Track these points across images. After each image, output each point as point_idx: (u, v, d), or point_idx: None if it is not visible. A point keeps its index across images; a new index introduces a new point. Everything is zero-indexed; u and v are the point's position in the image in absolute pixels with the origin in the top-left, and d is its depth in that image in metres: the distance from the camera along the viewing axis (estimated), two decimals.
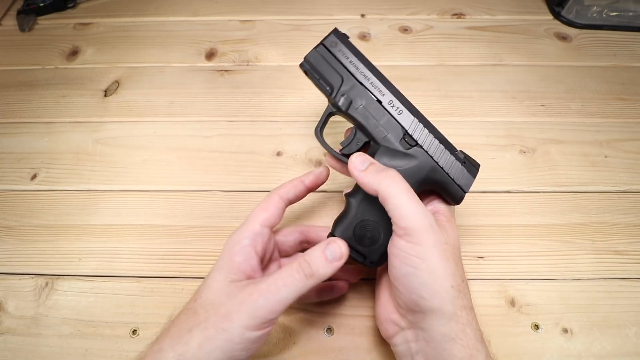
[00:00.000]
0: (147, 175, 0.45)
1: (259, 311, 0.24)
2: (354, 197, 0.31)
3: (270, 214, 0.30)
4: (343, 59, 0.33)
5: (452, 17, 0.60)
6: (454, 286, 0.26)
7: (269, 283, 0.25)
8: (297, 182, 0.33)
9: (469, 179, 0.32)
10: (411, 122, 0.32)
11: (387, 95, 0.32)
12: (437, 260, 0.26)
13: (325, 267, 0.27)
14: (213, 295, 0.26)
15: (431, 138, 0.32)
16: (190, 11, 0.61)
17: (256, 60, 0.55)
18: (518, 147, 0.46)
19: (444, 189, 0.32)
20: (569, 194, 0.43)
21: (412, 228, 0.26)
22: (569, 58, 0.55)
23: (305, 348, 0.34)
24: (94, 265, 0.39)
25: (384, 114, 0.32)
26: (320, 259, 0.27)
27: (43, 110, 0.50)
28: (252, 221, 0.30)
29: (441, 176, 0.31)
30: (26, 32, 0.59)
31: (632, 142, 0.47)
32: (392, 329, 0.29)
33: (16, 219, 0.42)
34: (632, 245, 0.40)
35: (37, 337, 0.35)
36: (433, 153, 0.32)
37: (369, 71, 0.33)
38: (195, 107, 0.50)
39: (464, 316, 0.26)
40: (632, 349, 0.34)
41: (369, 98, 0.32)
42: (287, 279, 0.26)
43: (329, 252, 0.27)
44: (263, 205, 0.31)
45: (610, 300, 0.37)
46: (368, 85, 0.33)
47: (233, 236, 0.30)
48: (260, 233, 0.30)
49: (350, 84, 0.33)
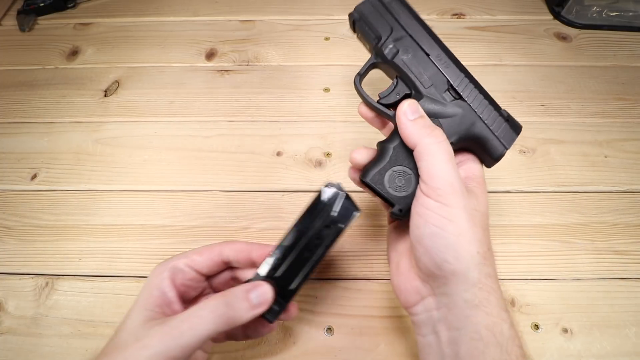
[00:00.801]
0: (147, 175, 0.45)
1: (157, 357, 0.23)
2: (390, 143, 0.30)
3: (202, 260, 0.29)
4: (394, 10, 0.33)
5: (452, 17, 0.60)
6: (480, 253, 0.25)
7: (173, 326, 0.23)
8: (246, 249, 0.29)
9: (512, 135, 0.31)
10: (457, 76, 0.32)
11: (436, 49, 0.32)
12: (465, 223, 0.25)
13: (245, 310, 0.25)
14: (125, 335, 0.25)
15: (476, 92, 0.32)
16: (190, 11, 0.61)
17: (256, 60, 0.55)
18: (518, 147, 0.46)
19: (484, 145, 0.31)
20: (569, 194, 0.43)
21: (444, 188, 0.26)
22: (569, 58, 0.55)
23: (305, 348, 0.34)
24: (94, 265, 0.39)
25: (430, 66, 0.32)
26: (243, 301, 0.25)
27: (43, 110, 0.51)
28: (179, 258, 0.28)
29: (483, 130, 0.31)
30: (26, 32, 0.59)
31: (632, 142, 0.47)
32: (413, 297, 0.28)
33: (16, 219, 0.42)
34: (631, 245, 0.40)
35: (37, 337, 0.35)
36: (476, 107, 0.31)
37: (420, 26, 0.33)
38: (195, 107, 0.50)
39: (489, 284, 0.25)
40: (632, 349, 0.34)
41: (416, 49, 0.32)
42: (195, 320, 0.24)
43: (255, 295, 0.26)
44: (201, 248, 0.29)
45: (610, 300, 0.37)
46: (417, 37, 0.33)
47: (154, 269, 0.28)
48: (181, 270, 0.28)
49: (399, 34, 0.33)
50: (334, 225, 0.29)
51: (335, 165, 0.45)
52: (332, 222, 0.29)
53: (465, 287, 0.25)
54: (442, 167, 0.26)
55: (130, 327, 0.25)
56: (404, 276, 0.29)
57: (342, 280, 0.38)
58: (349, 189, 0.30)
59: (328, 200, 0.29)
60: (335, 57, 0.55)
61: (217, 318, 0.24)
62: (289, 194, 0.43)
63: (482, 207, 0.28)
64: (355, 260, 0.39)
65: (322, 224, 0.29)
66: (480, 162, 0.33)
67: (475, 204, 0.27)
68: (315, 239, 0.28)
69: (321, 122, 0.48)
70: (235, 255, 0.29)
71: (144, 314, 0.25)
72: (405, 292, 0.28)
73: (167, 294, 0.27)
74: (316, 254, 0.28)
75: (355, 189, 0.33)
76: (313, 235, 0.28)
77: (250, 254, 0.29)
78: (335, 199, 0.29)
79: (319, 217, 0.29)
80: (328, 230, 0.29)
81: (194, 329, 0.23)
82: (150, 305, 0.26)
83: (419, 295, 0.28)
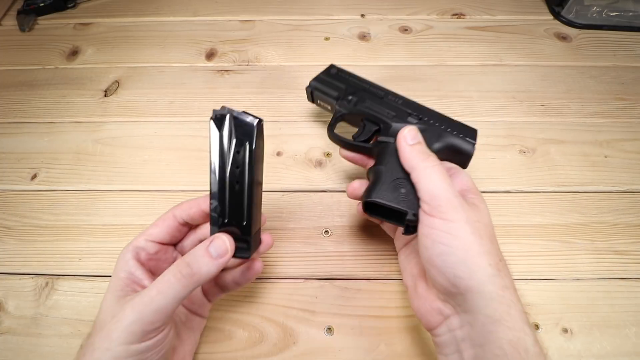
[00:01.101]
0: (147, 175, 0.45)
1: (132, 325, 0.23)
2: (381, 165, 0.33)
3: (159, 230, 0.29)
4: (341, 77, 0.42)
5: (452, 17, 0.60)
6: (492, 264, 0.25)
7: (143, 294, 0.24)
8: (194, 203, 0.30)
9: (473, 132, 0.37)
10: (410, 104, 0.39)
11: (385, 91, 0.40)
12: (471, 237, 0.26)
13: (208, 265, 0.26)
14: (102, 316, 0.26)
15: (431, 112, 0.38)
16: (190, 11, 0.61)
17: (256, 60, 0.55)
18: (518, 147, 0.46)
19: (457, 148, 0.36)
20: (569, 194, 0.43)
21: (444, 205, 0.26)
22: (569, 58, 0.55)
23: (305, 348, 0.34)
24: (94, 265, 0.39)
25: (387, 104, 0.38)
26: (203, 257, 0.26)
27: (43, 110, 0.51)
28: (139, 236, 0.29)
29: (450, 137, 0.36)
30: (26, 32, 0.59)
31: (632, 142, 0.47)
32: (436, 318, 0.28)
33: (16, 219, 0.42)
34: (632, 245, 0.40)
35: (37, 337, 0.35)
36: (437, 122, 0.37)
37: (364, 82, 0.41)
38: (195, 107, 0.50)
39: (507, 296, 0.25)
40: (632, 349, 0.34)
41: (371, 96, 0.39)
42: (162, 285, 0.25)
43: (213, 248, 0.26)
44: (156, 221, 0.30)
45: (610, 300, 0.37)
46: (367, 88, 0.40)
47: (120, 253, 0.29)
48: (144, 247, 0.29)
49: (352, 89, 0.41)
50: (243, 145, 0.27)
51: (335, 165, 0.45)
52: (239, 144, 0.27)
53: (485, 302, 0.25)
54: (439, 186, 0.27)
55: (105, 308, 0.26)
56: (424, 299, 0.29)
57: (342, 280, 0.38)
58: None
59: (223, 127, 0.28)
60: (335, 57, 0.55)
61: (183, 279, 0.25)
62: (289, 193, 0.43)
63: (485, 218, 0.28)
64: (355, 260, 0.39)
65: (232, 152, 0.28)
66: (459, 164, 0.35)
67: (478, 215, 0.27)
68: (235, 168, 0.28)
69: (321, 122, 0.48)
70: (188, 213, 0.30)
71: (115, 295, 0.26)
72: (427, 314, 0.29)
73: (135, 273, 0.27)
74: (245, 181, 0.28)
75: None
76: (231, 166, 0.28)
77: (200, 207, 0.30)
78: (229, 122, 0.27)
79: (226, 147, 0.28)
80: (241, 154, 0.27)
81: (162, 293, 0.24)
82: (120, 286, 0.27)
83: (441, 315, 0.28)
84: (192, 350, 0.32)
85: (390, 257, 0.39)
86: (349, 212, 0.42)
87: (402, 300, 0.37)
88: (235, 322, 0.36)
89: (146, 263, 0.29)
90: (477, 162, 0.44)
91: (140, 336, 0.24)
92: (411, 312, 0.36)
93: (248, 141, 0.27)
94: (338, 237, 0.40)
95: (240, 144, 0.27)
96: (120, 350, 0.23)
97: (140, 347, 0.24)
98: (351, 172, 0.45)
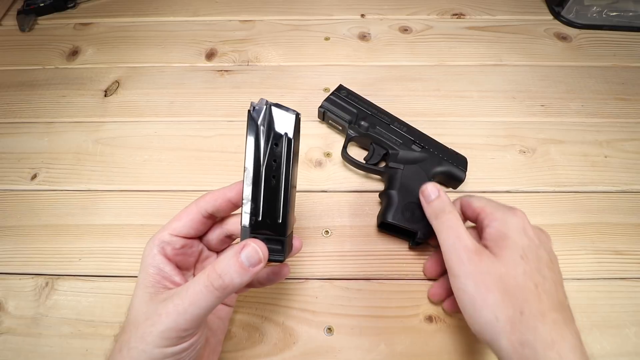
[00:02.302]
0: (147, 175, 0.45)
1: (167, 332, 0.24)
2: (391, 189, 0.39)
3: (182, 224, 0.28)
4: (352, 99, 0.46)
5: (452, 17, 0.60)
6: (502, 319, 0.25)
7: (176, 303, 0.24)
8: (219, 194, 0.28)
9: (465, 162, 0.43)
10: (414, 133, 0.44)
11: (392, 119, 0.45)
12: (474, 290, 0.26)
13: (240, 276, 0.24)
14: (134, 314, 0.26)
15: (432, 141, 0.43)
16: (190, 11, 0.61)
17: (256, 60, 0.55)
18: (518, 147, 0.46)
19: (451, 174, 0.42)
20: (569, 194, 0.43)
21: (452, 261, 0.28)
22: (569, 58, 0.55)
23: (305, 348, 0.34)
24: (94, 265, 0.39)
25: (394, 132, 0.43)
26: (234, 266, 0.24)
27: (43, 110, 0.51)
28: (162, 230, 0.28)
29: (447, 165, 0.42)
30: (26, 32, 0.59)
31: (632, 142, 0.47)
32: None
33: (16, 219, 0.42)
34: (632, 245, 0.40)
35: (37, 337, 0.35)
36: (437, 151, 0.42)
37: (373, 107, 0.46)
38: (195, 107, 0.50)
39: (527, 354, 0.23)
40: (632, 349, 0.34)
41: (380, 123, 0.44)
42: (195, 296, 0.24)
43: (245, 257, 0.24)
44: (179, 213, 0.29)
45: (610, 300, 0.37)
46: (376, 114, 0.45)
47: (145, 247, 0.28)
48: (169, 242, 0.28)
49: (363, 114, 0.45)
50: (281, 138, 0.26)
51: (335, 165, 0.45)
52: (277, 137, 0.26)
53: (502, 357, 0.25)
54: (446, 243, 0.29)
55: (138, 306, 0.26)
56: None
57: (342, 280, 0.38)
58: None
59: (262, 119, 0.26)
60: (335, 57, 0.55)
61: (216, 291, 0.24)
62: None
63: (499, 268, 0.27)
64: (355, 260, 0.39)
65: (269, 144, 0.26)
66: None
67: (489, 266, 0.27)
68: (273, 161, 0.26)
69: (321, 122, 0.48)
70: (213, 204, 0.28)
71: (147, 292, 0.26)
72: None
73: (164, 269, 0.27)
74: (282, 176, 0.26)
75: None
76: (268, 159, 0.26)
77: (227, 197, 0.28)
78: (267, 114, 0.26)
79: (263, 140, 0.26)
80: (279, 147, 0.26)
81: (195, 304, 0.24)
82: (150, 283, 0.26)
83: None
84: (222, 339, 0.32)
85: (390, 257, 0.39)
86: (349, 212, 0.42)
87: (402, 300, 0.37)
88: (236, 322, 0.36)
89: (173, 258, 0.28)
90: (477, 162, 0.45)
91: (175, 341, 0.24)
92: (411, 312, 0.36)
93: (286, 133, 0.26)
94: (338, 237, 0.40)
95: (279, 136, 0.26)
96: (157, 353, 0.24)
97: (176, 349, 0.24)
98: (351, 172, 0.45)
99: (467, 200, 0.33)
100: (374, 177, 0.44)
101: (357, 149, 0.46)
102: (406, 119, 0.45)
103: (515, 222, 0.29)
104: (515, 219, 0.29)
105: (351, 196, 0.43)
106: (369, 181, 0.44)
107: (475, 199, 0.32)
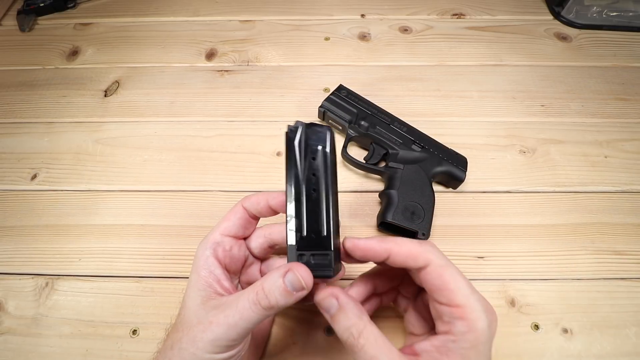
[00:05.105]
0: (147, 175, 0.45)
1: (218, 341, 0.25)
2: (393, 188, 0.40)
3: (232, 224, 0.30)
4: (353, 98, 0.46)
5: (452, 17, 0.60)
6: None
7: (227, 314, 0.25)
8: (262, 199, 0.30)
9: (465, 162, 0.43)
10: (414, 133, 0.44)
11: (392, 118, 0.45)
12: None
13: (285, 298, 0.25)
14: (188, 314, 0.27)
15: (432, 141, 0.43)
16: (190, 11, 0.61)
17: (256, 60, 0.55)
18: (518, 147, 0.46)
19: (451, 174, 0.42)
20: (569, 194, 0.43)
21: None
22: (569, 58, 0.55)
23: (305, 348, 0.34)
24: (94, 265, 0.39)
25: (394, 132, 0.44)
26: (279, 289, 0.25)
27: (43, 110, 0.51)
28: (213, 231, 0.30)
29: (447, 165, 0.42)
30: (26, 32, 0.59)
31: (632, 142, 0.47)
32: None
33: (16, 219, 0.42)
34: (632, 245, 0.40)
35: (37, 337, 0.35)
36: (437, 151, 0.43)
37: (373, 106, 0.46)
38: (195, 107, 0.50)
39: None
40: (632, 349, 0.34)
41: (380, 122, 0.44)
42: (243, 312, 0.25)
43: (289, 282, 0.25)
44: (227, 214, 0.30)
45: (610, 300, 0.37)
46: (376, 114, 0.45)
47: (198, 247, 0.29)
48: (220, 242, 0.29)
49: (363, 114, 0.45)
50: (317, 152, 0.27)
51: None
52: (314, 151, 0.27)
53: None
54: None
55: (192, 307, 0.27)
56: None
57: (342, 280, 0.38)
58: None
59: (298, 139, 0.27)
60: (335, 57, 0.55)
61: (263, 310, 0.25)
62: None
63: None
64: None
65: (308, 159, 0.27)
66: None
67: None
68: (312, 175, 0.27)
69: (321, 122, 0.48)
70: (257, 208, 0.30)
71: (199, 294, 0.27)
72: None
73: (215, 272, 0.28)
74: (323, 187, 0.27)
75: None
76: (308, 173, 0.27)
77: (268, 203, 0.30)
78: (302, 133, 0.27)
79: (301, 156, 0.27)
80: (317, 160, 0.27)
81: (244, 319, 0.25)
82: (202, 285, 0.27)
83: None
84: (262, 344, 0.34)
85: None
86: (349, 211, 0.42)
87: None
88: None
89: (222, 260, 0.29)
90: (477, 162, 0.45)
91: (223, 349, 0.25)
92: None
93: (322, 146, 0.27)
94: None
95: (315, 151, 0.27)
96: (207, 357, 0.25)
97: (224, 356, 0.25)
98: (351, 171, 0.45)
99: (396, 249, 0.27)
100: (373, 176, 0.44)
101: (357, 149, 0.46)
102: (406, 119, 0.45)
103: (489, 330, 0.24)
104: (488, 322, 0.24)
105: (351, 196, 0.43)
106: (369, 181, 0.44)
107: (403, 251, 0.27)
